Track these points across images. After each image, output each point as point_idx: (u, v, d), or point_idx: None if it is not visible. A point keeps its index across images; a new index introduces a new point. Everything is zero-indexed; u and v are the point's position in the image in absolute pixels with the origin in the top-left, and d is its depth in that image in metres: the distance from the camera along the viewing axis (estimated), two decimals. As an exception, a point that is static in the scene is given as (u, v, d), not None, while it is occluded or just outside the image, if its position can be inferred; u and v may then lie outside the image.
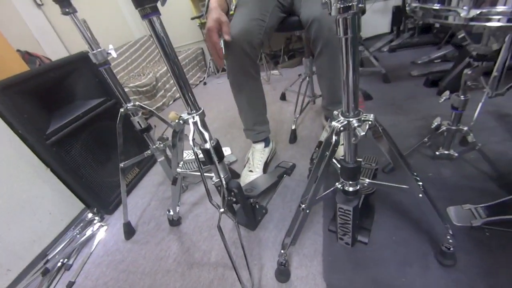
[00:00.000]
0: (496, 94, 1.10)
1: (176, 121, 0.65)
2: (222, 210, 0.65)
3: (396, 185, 0.61)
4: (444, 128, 0.90)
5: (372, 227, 0.83)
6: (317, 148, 0.86)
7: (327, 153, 0.56)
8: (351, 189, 0.66)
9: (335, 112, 0.57)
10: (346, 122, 0.52)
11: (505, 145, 1.01)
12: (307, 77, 1.45)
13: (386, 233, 0.81)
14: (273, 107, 1.85)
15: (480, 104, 1.05)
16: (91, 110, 1.19)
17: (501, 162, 0.90)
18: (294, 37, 2.81)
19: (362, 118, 0.52)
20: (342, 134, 0.55)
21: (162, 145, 1.06)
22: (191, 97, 0.63)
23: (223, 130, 1.71)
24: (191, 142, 0.60)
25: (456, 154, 0.94)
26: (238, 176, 1.18)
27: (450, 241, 0.64)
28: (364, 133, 0.49)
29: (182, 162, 0.84)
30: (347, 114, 0.53)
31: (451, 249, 0.66)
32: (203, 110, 0.65)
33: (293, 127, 1.37)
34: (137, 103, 0.95)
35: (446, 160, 0.99)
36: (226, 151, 1.41)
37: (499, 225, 0.74)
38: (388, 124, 1.31)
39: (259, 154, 1.15)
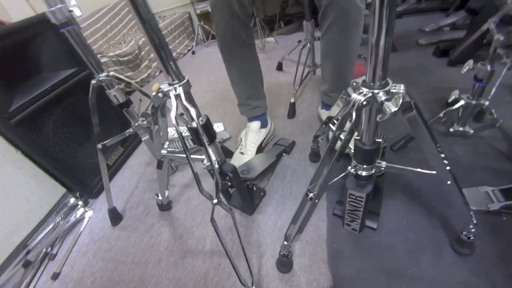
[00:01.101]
0: (517, 63, 1.00)
1: (154, 93, 0.53)
2: (215, 201, 0.56)
3: (421, 170, 0.53)
4: (463, 102, 0.81)
5: (380, 211, 0.76)
6: (323, 126, 0.76)
7: (341, 133, 0.46)
8: (364, 173, 0.57)
9: (354, 82, 0.46)
10: (370, 94, 0.42)
11: (523, 121, 0.93)
12: (308, 44, 1.30)
13: (396, 218, 0.75)
14: (269, 78, 1.70)
15: (500, 77, 0.94)
16: (61, 83, 1.03)
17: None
18: (291, 0, 2.56)
19: (391, 90, 0.41)
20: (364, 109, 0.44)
21: (145, 122, 0.93)
22: (171, 64, 0.50)
23: (215, 104, 1.57)
24: (173, 120, 0.49)
25: (472, 131, 0.86)
26: (232, 154, 1.08)
27: (473, 230, 0.58)
28: (395, 109, 0.38)
29: (167, 142, 0.73)
30: (372, 84, 0.42)
31: (472, 238, 0.60)
32: (187, 80, 0.53)
33: (292, 100, 1.26)
34: (111, 73, 0.80)
35: (460, 138, 0.91)
36: (219, 127, 1.30)
37: (517, 209, 0.68)
38: (395, 98, 1.20)
39: (253, 135, 1.04)
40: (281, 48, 2.15)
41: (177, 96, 0.50)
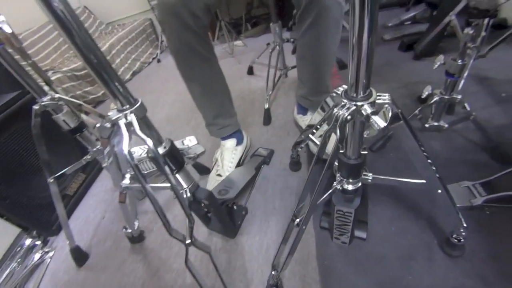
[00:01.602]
0: (479, 56, 1.03)
1: (98, 125, 0.44)
2: (188, 241, 0.49)
3: (411, 181, 0.49)
4: (437, 98, 0.80)
5: (368, 218, 0.73)
6: (302, 135, 0.71)
7: (326, 152, 0.41)
8: (350, 187, 0.53)
9: (335, 92, 0.41)
10: (354, 107, 0.37)
11: (490, 111, 0.95)
12: (277, 46, 1.26)
13: (384, 224, 0.72)
14: (240, 84, 1.64)
15: (467, 69, 0.96)
16: (1, 109, 0.89)
17: (489, 130, 0.84)
18: (256, 2, 2.52)
19: (377, 101, 0.37)
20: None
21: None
22: (118, 86, 0.41)
23: (186, 115, 1.48)
24: (126, 153, 0.41)
25: (446, 125, 0.87)
26: (208, 171, 1.00)
27: (464, 233, 0.56)
28: (385, 125, 0.34)
29: (135, 163, 0.63)
30: (354, 95, 0.37)
31: (462, 240, 0.58)
32: (141, 103, 0.44)
33: (266, 106, 1.20)
34: (57, 95, 0.69)
35: (435, 132, 0.91)
36: (191, 140, 1.21)
37: (499, 202, 0.68)
38: (369, 96, 1.20)
39: (229, 154, 0.95)
40: (250, 51, 2.10)
41: (129, 125, 0.42)
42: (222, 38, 2.15)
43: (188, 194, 0.56)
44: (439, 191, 0.47)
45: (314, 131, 0.64)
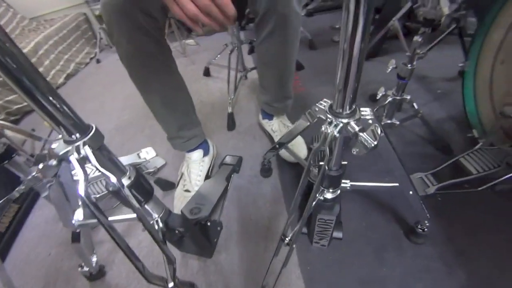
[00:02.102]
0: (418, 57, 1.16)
1: (41, 165, 0.35)
2: (171, 285, 0.43)
3: (386, 185, 0.52)
4: (390, 98, 0.87)
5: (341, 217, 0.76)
6: (277, 146, 0.70)
7: (313, 171, 0.40)
8: (330, 196, 0.54)
9: (317, 106, 0.40)
10: (341, 124, 0.36)
11: (430, 107, 1.08)
12: (235, 48, 1.22)
13: (355, 221, 0.76)
14: (197, 86, 1.56)
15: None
16: None
17: (432, 124, 0.95)
18: (204, -1, 2.41)
19: (362, 117, 0.37)
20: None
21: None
22: (63, 108, 0.33)
23: (139, 123, 1.34)
24: (82, 196, 0.33)
25: (398, 122, 0.95)
26: (172, 186, 0.93)
27: (428, 224, 0.62)
28: (375, 143, 0.34)
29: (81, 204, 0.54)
30: (340, 111, 0.37)
31: (426, 230, 0.64)
32: (96, 130, 0.37)
33: (230, 110, 1.16)
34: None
35: (388, 129, 0.99)
36: (148, 152, 1.10)
37: (448, 188, 0.78)
38: (328, 95, 1.25)
39: (196, 166, 0.88)
40: (204, 51, 2.01)
41: (83, 160, 0.34)
42: (171, 36, 2.01)
43: (160, 224, 0.49)
44: (411, 192, 0.51)
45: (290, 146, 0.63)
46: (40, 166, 0.35)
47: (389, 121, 0.96)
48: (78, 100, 1.72)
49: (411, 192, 0.52)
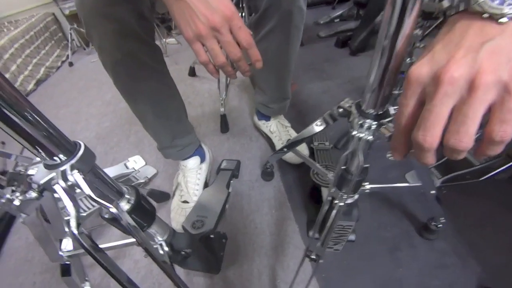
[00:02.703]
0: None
1: (17, 202, 0.29)
2: None
3: (408, 185, 0.49)
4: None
5: (351, 219, 0.73)
6: (285, 149, 0.66)
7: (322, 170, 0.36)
8: (349, 200, 0.50)
9: (341, 107, 0.36)
10: (375, 126, 0.32)
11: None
12: (224, 47, 1.16)
13: (366, 221, 0.73)
14: (183, 87, 1.48)
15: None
16: None
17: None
18: (183, -4, 2.31)
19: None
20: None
21: (18, 194, 0.59)
22: (38, 121, 0.26)
23: (122, 130, 1.24)
24: (74, 230, 0.27)
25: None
26: (167, 197, 0.86)
27: (443, 220, 0.60)
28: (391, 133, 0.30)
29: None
30: (372, 112, 0.33)
31: (440, 226, 0.63)
32: (85, 148, 0.30)
33: (222, 111, 1.10)
34: None
35: (387, 124, 0.98)
36: (137, 161, 1.02)
37: (452, 181, 0.78)
38: (320, 91, 1.23)
39: (193, 175, 0.81)
40: (186, 50, 1.92)
41: (72, 188, 0.28)
42: (150, 36, 1.90)
43: (166, 248, 0.43)
44: (432, 192, 0.48)
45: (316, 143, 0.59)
46: (17, 202, 0.28)
47: (387, 116, 0.94)
48: (51, 108, 1.57)
49: (432, 192, 0.49)
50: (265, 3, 0.61)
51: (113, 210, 0.28)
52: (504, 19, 0.19)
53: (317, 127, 0.49)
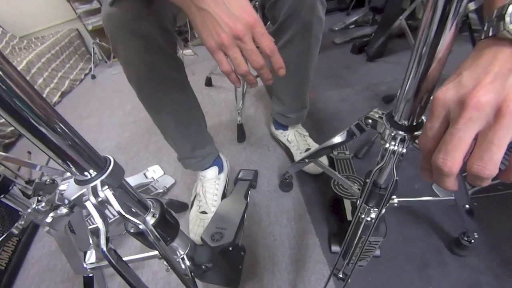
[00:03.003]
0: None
1: (50, 219, 0.29)
2: None
3: (440, 199, 0.46)
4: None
5: (375, 233, 0.70)
6: (306, 160, 0.64)
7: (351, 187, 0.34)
8: (374, 215, 0.48)
9: (370, 118, 0.34)
10: (409, 139, 0.31)
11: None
12: (240, 56, 1.17)
13: (391, 235, 0.69)
14: (200, 97, 1.45)
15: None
16: None
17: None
18: (199, 8, 2.38)
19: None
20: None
21: (43, 204, 0.61)
22: (69, 135, 0.26)
23: (142, 140, 1.27)
24: (103, 247, 0.27)
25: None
26: (185, 207, 0.86)
27: (476, 236, 0.56)
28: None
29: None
30: (405, 123, 0.31)
31: (473, 241, 0.58)
32: (115, 163, 0.30)
33: (239, 120, 1.10)
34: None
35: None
36: (155, 171, 1.04)
37: (483, 192, 0.73)
38: (338, 99, 1.20)
39: (212, 185, 0.81)
40: (203, 61, 1.96)
41: (102, 204, 0.28)
42: (168, 48, 1.97)
43: (188, 263, 0.43)
44: (467, 206, 0.45)
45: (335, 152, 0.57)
46: (49, 220, 0.29)
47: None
48: (75, 118, 1.65)
49: (467, 206, 0.46)
50: (284, 13, 0.61)
51: (141, 226, 0.28)
52: None
53: (341, 137, 0.48)
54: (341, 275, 0.43)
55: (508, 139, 0.20)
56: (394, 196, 0.49)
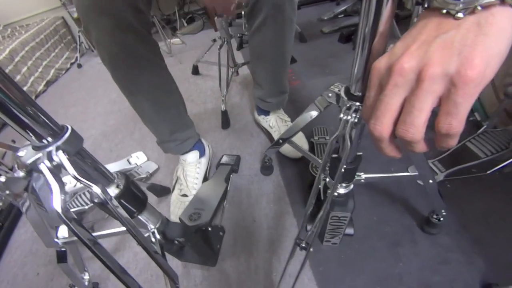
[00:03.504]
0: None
1: (3, 178, 0.30)
2: None
3: (405, 174, 0.48)
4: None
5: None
6: (274, 147, 0.65)
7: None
8: (343, 191, 0.49)
9: (330, 92, 0.35)
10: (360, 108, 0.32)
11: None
12: (226, 42, 1.16)
13: (366, 215, 0.72)
14: (186, 85, 1.49)
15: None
16: None
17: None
18: (188, -4, 2.35)
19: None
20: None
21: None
22: (29, 110, 0.27)
23: (126, 127, 1.26)
24: (58, 212, 0.27)
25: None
26: (167, 191, 0.86)
27: (444, 213, 0.58)
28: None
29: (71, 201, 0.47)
30: (359, 94, 0.32)
31: (441, 219, 0.61)
32: (72, 131, 0.31)
33: (223, 108, 1.10)
34: None
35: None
36: (140, 157, 1.04)
37: (456, 174, 0.75)
38: (323, 87, 1.20)
39: (193, 169, 0.82)
40: (191, 49, 1.94)
41: (57, 168, 0.28)
42: (156, 36, 1.93)
43: (158, 236, 0.44)
44: (431, 181, 0.47)
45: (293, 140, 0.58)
46: (2, 179, 0.29)
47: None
48: (60, 107, 1.62)
49: (431, 181, 0.48)
50: None
51: (96, 190, 0.29)
52: (460, 14, 0.19)
53: (306, 116, 0.49)
54: (303, 245, 0.44)
55: (430, 103, 0.20)
56: (362, 173, 0.51)
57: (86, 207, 0.79)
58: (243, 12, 1.76)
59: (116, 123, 1.32)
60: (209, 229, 0.71)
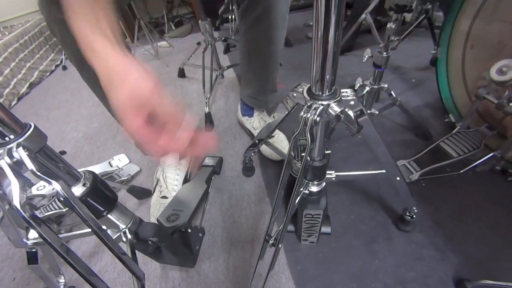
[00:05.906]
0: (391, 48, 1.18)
1: None
2: None
3: (372, 172, 0.50)
4: (368, 88, 0.86)
5: (328, 211, 0.73)
6: (252, 148, 0.66)
7: (296, 165, 0.36)
8: (315, 189, 0.50)
9: (295, 91, 0.36)
10: (321, 107, 0.33)
11: (407, 95, 1.09)
12: (209, 45, 1.17)
13: (343, 214, 0.73)
14: (172, 88, 1.49)
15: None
16: None
17: (410, 111, 0.96)
18: (176, 0, 2.35)
19: (343, 98, 0.34)
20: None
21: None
22: None
23: (109, 130, 1.25)
24: (19, 209, 0.27)
25: (377, 112, 0.95)
26: (148, 194, 0.86)
27: (416, 210, 0.60)
28: (359, 127, 0.31)
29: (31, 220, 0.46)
30: (319, 94, 0.33)
31: (414, 216, 0.63)
32: (34, 128, 0.30)
33: (207, 110, 1.11)
34: None
35: (369, 119, 0.99)
36: (121, 159, 1.03)
37: (430, 174, 0.78)
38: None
39: (173, 170, 0.82)
40: (178, 52, 1.94)
41: (18, 164, 0.28)
42: (143, 39, 1.92)
43: (129, 236, 0.44)
44: (398, 178, 0.49)
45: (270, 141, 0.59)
46: None
47: (368, 111, 0.95)
48: (42, 109, 1.59)
49: (398, 178, 0.50)
50: None
51: (56, 186, 0.29)
52: None
53: (279, 114, 0.50)
54: (271, 242, 0.45)
55: None
56: (333, 171, 0.52)
57: (64, 210, 0.77)
58: (231, 17, 1.78)
59: (99, 126, 1.30)
60: (189, 230, 0.71)
